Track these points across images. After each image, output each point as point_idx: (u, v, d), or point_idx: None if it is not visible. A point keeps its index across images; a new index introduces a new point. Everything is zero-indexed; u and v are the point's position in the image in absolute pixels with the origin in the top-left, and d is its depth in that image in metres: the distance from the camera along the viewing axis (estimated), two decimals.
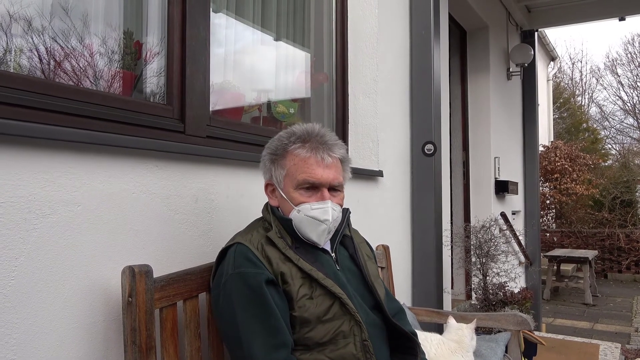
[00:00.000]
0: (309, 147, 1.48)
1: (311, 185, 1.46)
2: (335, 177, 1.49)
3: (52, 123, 1.33)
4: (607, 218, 10.68)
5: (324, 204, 1.46)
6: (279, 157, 1.51)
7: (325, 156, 1.48)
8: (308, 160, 1.46)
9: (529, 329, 2.32)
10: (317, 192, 1.47)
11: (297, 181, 1.46)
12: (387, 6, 3.00)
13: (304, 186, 1.46)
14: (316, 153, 1.47)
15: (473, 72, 5.28)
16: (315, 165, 1.46)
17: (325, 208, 1.45)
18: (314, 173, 1.46)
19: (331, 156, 1.49)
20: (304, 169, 1.46)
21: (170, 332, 1.39)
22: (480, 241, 3.91)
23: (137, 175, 1.49)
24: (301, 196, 1.46)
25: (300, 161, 1.47)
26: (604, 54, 36.51)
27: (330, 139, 1.52)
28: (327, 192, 1.47)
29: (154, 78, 1.85)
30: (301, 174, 1.46)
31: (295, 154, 1.48)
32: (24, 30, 1.49)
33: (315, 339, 1.36)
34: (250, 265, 1.36)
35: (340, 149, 1.54)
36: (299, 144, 1.49)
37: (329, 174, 1.48)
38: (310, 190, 1.47)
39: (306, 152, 1.47)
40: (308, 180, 1.45)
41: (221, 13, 2.27)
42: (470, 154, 5.24)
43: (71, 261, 1.30)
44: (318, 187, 1.47)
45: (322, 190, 1.47)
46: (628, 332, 5.70)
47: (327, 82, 2.87)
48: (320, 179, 1.46)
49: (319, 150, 1.48)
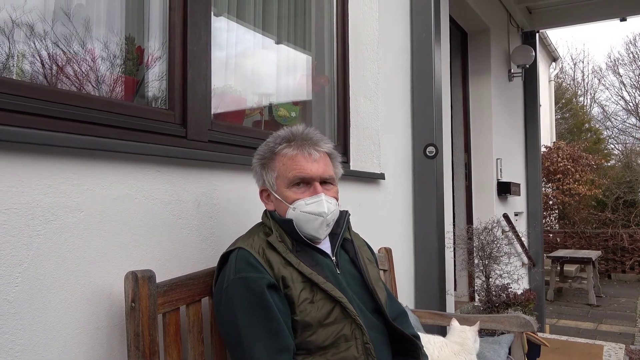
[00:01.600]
0: (295, 145, 1.52)
1: (302, 180, 1.49)
2: (325, 170, 1.52)
3: (55, 129, 1.34)
4: (610, 218, 10.66)
5: (317, 197, 1.48)
6: (268, 161, 1.55)
7: (312, 151, 1.51)
8: (295, 158, 1.50)
9: (532, 331, 2.31)
10: (309, 187, 1.50)
11: (289, 179, 1.49)
12: (388, 9, 3.00)
13: (295, 183, 1.49)
14: (302, 149, 1.51)
15: (474, 74, 5.28)
16: (304, 161, 1.49)
17: (320, 201, 1.48)
18: (303, 168, 1.49)
19: (318, 151, 1.53)
20: (293, 166, 1.49)
21: (173, 337, 1.39)
22: (483, 243, 3.90)
23: (139, 181, 1.50)
24: (295, 193, 1.49)
25: (288, 160, 1.50)
26: (605, 54, 36.48)
27: (315, 136, 1.56)
28: (319, 186, 1.50)
29: (155, 83, 1.86)
30: (291, 171, 1.49)
31: (282, 154, 1.52)
32: (26, 36, 1.50)
33: (316, 343, 1.37)
34: (252, 269, 1.36)
35: (327, 143, 1.58)
36: (285, 144, 1.53)
37: (318, 167, 1.51)
38: (303, 186, 1.50)
39: (292, 150, 1.51)
40: (298, 176, 1.49)
41: (222, 17, 2.27)
42: (472, 155, 5.23)
43: (74, 267, 1.31)
44: (309, 182, 1.50)
45: (314, 185, 1.50)
46: (632, 333, 5.69)
47: (328, 85, 2.87)
48: (310, 172, 1.49)
49: (305, 146, 1.52)
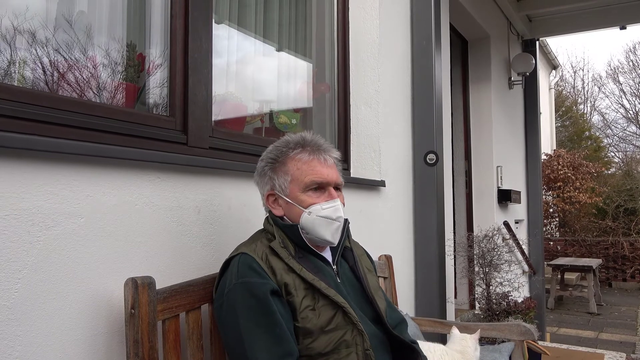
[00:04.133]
0: (310, 150, 1.53)
1: (319, 185, 1.50)
2: (337, 177, 1.56)
3: (56, 136, 1.34)
4: (610, 226, 10.63)
5: (333, 202, 1.50)
6: (280, 165, 1.54)
7: (326, 157, 1.54)
8: (311, 163, 1.51)
9: (532, 339, 2.30)
10: (324, 192, 1.51)
11: (305, 183, 1.49)
12: (388, 17, 3.02)
13: (312, 187, 1.50)
14: (318, 155, 1.53)
15: (475, 82, 5.29)
16: (320, 166, 1.51)
17: (336, 206, 1.50)
18: (321, 173, 1.50)
19: (331, 157, 1.56)
20: (309, 171, 1.50)
21: (172, 344, 1.38)
22: (484, 250, 3.90)
23: (140, 187, 1.50)
24: (310, 198, 1.49)
25: (303, 164, 1.51)
26: (605, 62, 36.65)
27: (325, 143, 1.59)
28: (334, 191, 1.52)
29: (156, 90, 1.86)
30: (307, 175, 1.50)
31: (297, 158, 1.52)
32: (28, 43, 1.50)
33: (317, 349, 1.36)
34: (255, 275, 1.36)
35: (335, 152, 1.61)
36: (300, 148, 1.54)
37: (333, 173, 1.54)
38: (318, 190, 1.51)
39: (308, 155, 1.52)
40: (315, 181, 1.49)
41: (223, 24, 2.28)
42: (473, 163, 5.24)
43: (74, 273, 1.30)
44: (325, 187, 1.51)
45: (329, 190, 1.52)
46: (633, 342, 5.66)
47: (328, 92, 2.88)
48: (327, 177, 1.51)
49: (319, 152, 1.54)
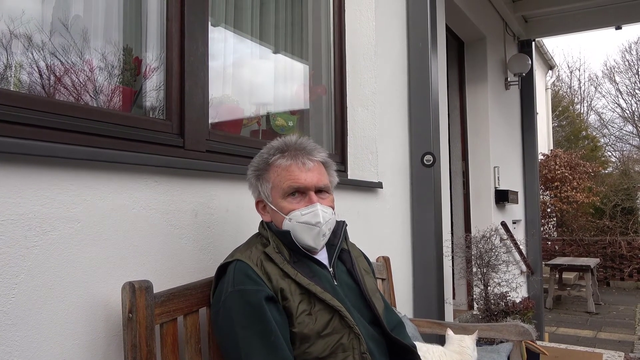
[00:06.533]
0: (289, 155, 1.52)
1: (296, 190, 1.49)
2: (319, 179, 1.52)
3: (52, 140, 1.34)
4: (608, 226, 10.65)
5: (312, 207, 1.48)
6: (262, 172, 1.55)
7: (305, 161, 1.51)
8: (289, 168, 1.50)
9: (531, 339, 2.31)
10: (304, 197, 1.50)
11: (283, 190, 1.49)
12: (385, 19, 3.02)
13: (290, 193, 1.49)
14: (296, 159, 1.51)
15: (471, 83, 5.30)
16: (298, 171, 1.50)
17: (315, 211, 1.48)
18: (297, 178, 1.49)
19: (312, 160, 1.53)
20: (287, 177, 1.49)
21: (170, 347, 1.38)
22: (481, 251, 3.90)
23: (137, 191, 1.50)
24: (290, 204, 1.49)
25: (282, 170, 1.51)
26: (601, 62, 36.75)
27: (309, 145, 1.56)
28: (314, 195, 1.50)
29: (153, 93, 1.86)
30: (285, 181, 1.49)
31: (276, 165, 1.52)
32: (24, 47, 1.50)
33: (315, 354, 1.36)
34: (250, 282, 1.36)
35: (320, 152, 1.58)
36: (279, 154, 1.53)
37: (312, 176, 1.51)
38: (298, 196, 1.50)
39: (286, 160, 1.51)
40: (292, 186, 1.49)
41: (220, 27, 2.29)
42: (470, 163, 5.24)
43: (71, 278, 1.30)
44: (304, 192, 1.50)
45: (309, 195, 1.50)
46: (631, 341, 5.67)
47: (325, 94, 2.88)
48: (305, 182, 1.49)
49: (298, 156, 1.52)
